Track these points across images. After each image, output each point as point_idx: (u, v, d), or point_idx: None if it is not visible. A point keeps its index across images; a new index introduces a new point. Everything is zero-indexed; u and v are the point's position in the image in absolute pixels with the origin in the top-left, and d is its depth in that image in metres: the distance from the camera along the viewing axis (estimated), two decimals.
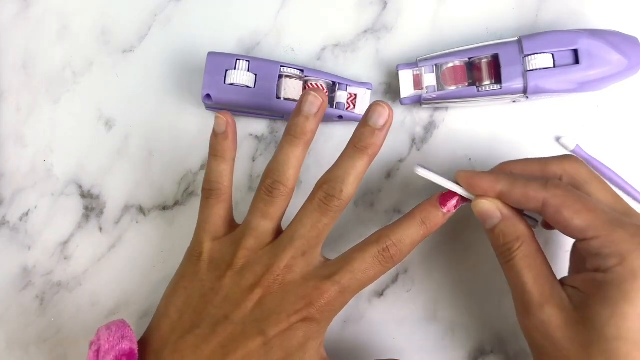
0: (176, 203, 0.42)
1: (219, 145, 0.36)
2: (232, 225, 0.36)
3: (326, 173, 0.34)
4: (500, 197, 0.32)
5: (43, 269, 0.42)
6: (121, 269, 0.41)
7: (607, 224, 0.29)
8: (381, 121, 0.33)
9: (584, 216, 0.30)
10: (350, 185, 0.33)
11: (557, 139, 0.40)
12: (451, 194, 0.34)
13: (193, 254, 0.35)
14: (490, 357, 0.39)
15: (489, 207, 0.32)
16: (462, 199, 0.34)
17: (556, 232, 0.33)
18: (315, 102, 0.34)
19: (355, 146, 0.33)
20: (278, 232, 0.35)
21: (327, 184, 0.33)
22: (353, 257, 0.33)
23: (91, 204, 0.42)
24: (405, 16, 0.42)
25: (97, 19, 0.43)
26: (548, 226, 0.36)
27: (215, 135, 0.36)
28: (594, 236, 0.29)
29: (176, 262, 0.36)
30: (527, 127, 0.40)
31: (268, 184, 0.34)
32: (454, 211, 0.34)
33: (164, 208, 0.42)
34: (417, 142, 0.41)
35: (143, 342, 0.34)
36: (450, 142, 0.41)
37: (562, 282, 0.31)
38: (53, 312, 0.41)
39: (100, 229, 0.42)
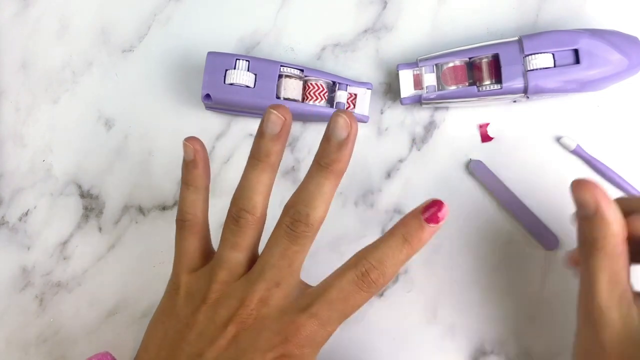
0: (176, 203, 0.42)
1: (189, 173, 0.33)
2: (210, 254, 0.34)
3: (293, 195, 0.31)
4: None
5: (42, 269, 0.41)
6: (120, 269, 0.41)
7: None
8: (343, 133, 0.29)
9: None
10: (317, 209, 0.30)
11: (557, 139, 0.40)
12: (437, 203, 0.29)
13: (172, 287, 0.33)
14: (490, 357, 0.39)
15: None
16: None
17: None
18: (278, 121, 0.31)
19: (319, 163, 0.30)
20: (253, 261, 0.32)
21: (293, 208, 0.30)
22: (330, 284, 0.30)
23: (90, 204, 0.42)
24: (405, 16, 0.42)
25: (97, 19, 0.43)
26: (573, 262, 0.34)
27: (184, 163, 0.34)
28: None
29: None
30: (527, 127, 0.40)
31: (234, 212, 0.32)
32: (442, 224, 0.29)
33: (164, 208, 0.42)
34: (417, 142, 0.41)
35: None
36: (450, 142, 0.41)
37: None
38: (52, 312, 0.41)
39: (100, 229, 0.42)
